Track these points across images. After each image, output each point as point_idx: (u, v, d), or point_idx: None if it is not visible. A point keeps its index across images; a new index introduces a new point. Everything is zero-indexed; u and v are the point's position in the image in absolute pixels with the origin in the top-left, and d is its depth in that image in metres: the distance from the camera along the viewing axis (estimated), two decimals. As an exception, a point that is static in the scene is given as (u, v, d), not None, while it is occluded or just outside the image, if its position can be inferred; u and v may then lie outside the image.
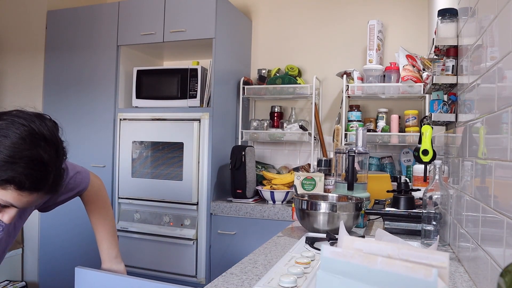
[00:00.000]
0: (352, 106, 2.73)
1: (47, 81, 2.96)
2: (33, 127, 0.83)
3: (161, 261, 2.55)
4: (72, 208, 1.74)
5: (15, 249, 2.89)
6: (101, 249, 1.28)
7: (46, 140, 0.84)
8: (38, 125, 0.84)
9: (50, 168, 0.84)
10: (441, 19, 1.41)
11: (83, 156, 2.78)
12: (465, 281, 1.06)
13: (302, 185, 2.19)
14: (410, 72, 2.48)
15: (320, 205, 1.46)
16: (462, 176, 1.21)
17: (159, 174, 2.58)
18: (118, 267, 1.28)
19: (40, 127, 0.84)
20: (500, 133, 0.81)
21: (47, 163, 0.83)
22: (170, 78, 2.69)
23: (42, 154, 0.82)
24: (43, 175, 0.83)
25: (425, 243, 1.33)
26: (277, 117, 2.97)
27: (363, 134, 1.88)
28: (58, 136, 0.89)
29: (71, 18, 2.91)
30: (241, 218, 2.42)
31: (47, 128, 0.86)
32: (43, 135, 0.84)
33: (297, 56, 3.02)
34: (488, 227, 0.89)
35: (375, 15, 2.80)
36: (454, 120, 1.40)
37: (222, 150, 2.65)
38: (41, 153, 0.82)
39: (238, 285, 0.99)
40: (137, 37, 2.74)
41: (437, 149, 1.64)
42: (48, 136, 0.85)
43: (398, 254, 0.65)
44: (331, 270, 0.65)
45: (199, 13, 2.60)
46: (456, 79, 1.37)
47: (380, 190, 1.97)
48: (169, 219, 2.56)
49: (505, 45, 0.79)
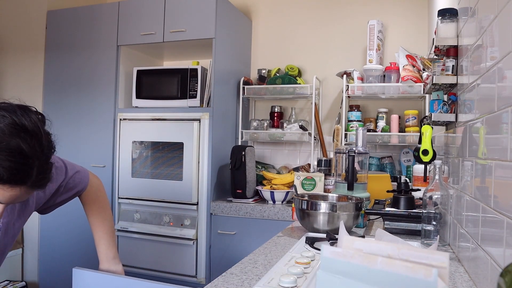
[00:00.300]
0: (352, 106, 2.73)
1: (47, 81, 2.96)
2: (14, 118, 0.80)
3: (161, 261, 2.55)
4: (72, 209, 1.74)
5: (15, 249, 2.89)
6: (99, 250, 1.27)
7: (28, 131, 0.80)
8: (20, 116, 0.81)
9: (32, 161, 0.80)
10: (441, 19, 1.41)
11: (83, 156, 2.78)
12: (465, 281, 1.06)
13: (302, 185, 2.19)
14: (410, 72, 2.48)
15: (320, 205, 1.46)
16: (462, 176, 1.21)
17: (159, 174, 2.58)
18: (116, 267, 1.27)
19: (22, 119, 0.81)
20: (500, 133, 0.81)
21: (28, 155, 0.79)
22: (170, 78, 2.69)
23: (22, 145, 0.78)
24: (24, 167, 0.79)
25: (425, 243, 1.33)
26: (277, 117, 2.97)
27: (363, 134, 1.88)
28: (43, 129, 0.85)
29: (71, 18, 2.91)
30: (241, 218, 2.42)
31: (30, 120, 0.82)
32: (24, 126, 0.80)
33: (297, 56, 3.02)
34: (488, 227, 0.89)
35: (375, 15, 2.80)
36: (454, 120, 1.40)
37: (222, 150, 2.65)
38: (21, 145, 0.78)
39: (238, 285, 0.99)
40: (137, 37, 2.74)
41: (437, 149, 1.64)
42: (30, 127, 0.81)
43: (398, 254, 0.65)
44: (331, 270, 0.65)
45: (199, 13, 2.60)
46: (456, 79, 1.37)
47: (380, 190, 1.97)
48: (169, 219, 2.56)
49: (505, 45, 0.79)
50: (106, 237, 1.28)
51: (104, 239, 1.27)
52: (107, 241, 1.28)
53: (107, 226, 1.29)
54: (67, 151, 2.78)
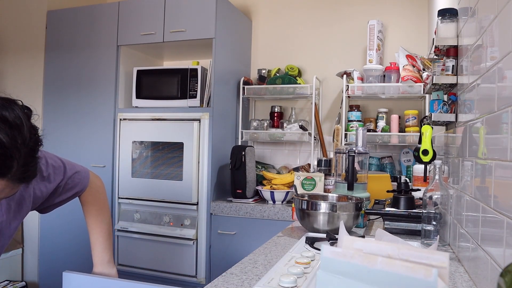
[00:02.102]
0: (352, 106, 2.73)
1: (47, 81, 2.96)
2: None
3: (161, 261, 2.55)
4: (72, 208, 1.74)
5: (15, 249, 2.89)
6: (94, 252, 1.25)
7: (8, 122, 0.79)
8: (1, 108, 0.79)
9: (11, 152, 0.78)
10: (441, 19, 1.41)
11: (83, 156, 2.78)
12: (465, 281, 1.06)
13: (302, 185, 2.19)
14: (410, 72, 2.48)
15: (320, 205, 1.46)
16: (462, 176, 1.21)
17: (159, 174, 2.58)
18: (110, 271, 1.24)
19: (3, 110, 0.79)
20: (500, 133, 0.81)
21: (6, 145, 0.77)
22: (170, 78, 2.69)
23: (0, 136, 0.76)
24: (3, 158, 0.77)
25: (425, 243, 1.33)
26: (277, 117, 2.97)
27: (363, 134, 1.88)
28: (26, 121, 0.83)
29: (71, 18, 2.91)
30: (241, 218, 2.42)
31: (12, 112, 0.80)
32: (4, 117, 0.79)
33: (297, 56, 3.02)
34: (488, 227, 0.89)
35: (375, 15, 2.80)
36: (454, 120, 1.40)
37: (222, 150, 2.65)
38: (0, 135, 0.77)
39: (238, 285, 0.99)
40: (137, 37, 2.74)
41: (437, 149, 1.64)
42: (11, 118, 0.79)
43: (398, 254, 0.65)
44: (331, 270, 0.65)
45: (199, 13, 2.60)
46: (456, 79, 1.37)
47: (380, 190, 1.97)
48: (169, 219, 2.56)
49: (505, 45, 0.79)
50: (102, 240, 1.26)
51: (100, 242, 1.25)
52: (103, 244, 1.25)
53: (105, 229, 1.27)
54: (67, 151, 2.79)
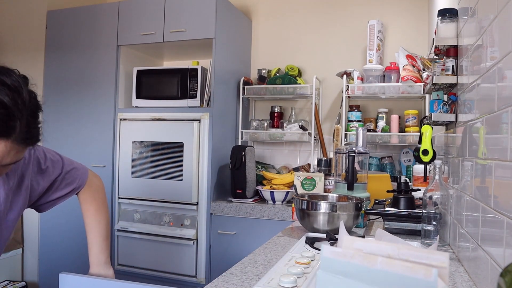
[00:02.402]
0: (352, 106, 2.73)
1: (47, 81, 2.96)
2: None
3: (161, 261, 2.55)
4: (72, 208, 1.74)
5: (15, 249, 2.89)
6: (91, 252, 1.24)
7: (8, 85, 0.81)
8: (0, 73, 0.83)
9: (14, 113, 0.80)
10: (441, 19, 1.41)
11: (83, 156, 2.77)
12: (465, 281, 1.06)
13: (302, 185, 2.19)
14: (410, 72, 2.48)
15: (320, 205, 1.46)
16: (462, 176, 1.21)
17: (159, 174, 2.58)
18: (107, 272, 1.23)
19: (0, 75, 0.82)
20: (500, 133, 0.81)
21: (8, 105, 0.79)
22: (170, 78, 2.69)
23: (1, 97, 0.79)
24: (6, 119, 0.79)
25: (425, 243, 1.33)
26: (277, 117, 2.97)
27: (363, 134, 1.88)
28: (25, 86, 0.87)
29: (71, 18, 2.91)
30: (241, 218, 2.42)
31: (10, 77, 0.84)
32: (3, 81, 0.81)
33: (297, 56, 3.02)
34: (488, 227, 0.89)
35: (375, 15, 2.80)
36: (454, 120, 1.40)
37: (222, 150, 2.65)
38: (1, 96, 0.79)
39: (238, 285, 0.99)
40: (137, 37, 2.74)
41: (437, 149, 1.64)
42: (10, 83, 0.82)
43: (398, 254, 0.65)
44: (331, 270, 0.65)
45: (199, 13, 2.60)
46: (456, 79, 1.37)
47: (380, 190, 1.97)
48: (169, 219, 2.56)
49: (505, 45, 0.79)
50: (100, 240, 1.24)
51: (97, 243, 1.24)
52: (100, 244, 1.24)
53: (102, 229, 1.26)
54: (68, 151, 2.78)
